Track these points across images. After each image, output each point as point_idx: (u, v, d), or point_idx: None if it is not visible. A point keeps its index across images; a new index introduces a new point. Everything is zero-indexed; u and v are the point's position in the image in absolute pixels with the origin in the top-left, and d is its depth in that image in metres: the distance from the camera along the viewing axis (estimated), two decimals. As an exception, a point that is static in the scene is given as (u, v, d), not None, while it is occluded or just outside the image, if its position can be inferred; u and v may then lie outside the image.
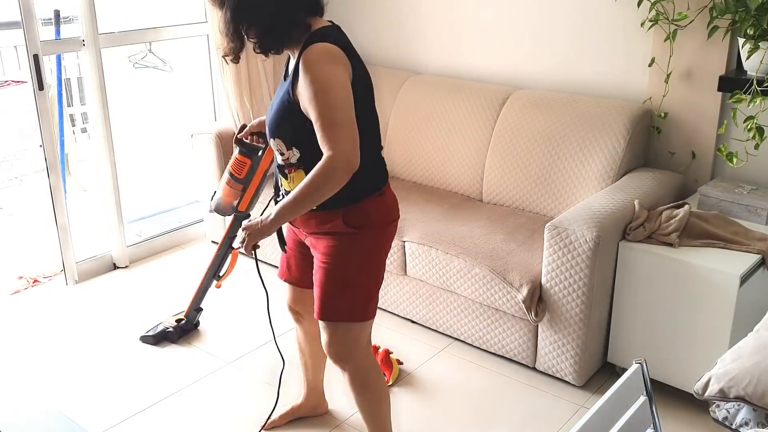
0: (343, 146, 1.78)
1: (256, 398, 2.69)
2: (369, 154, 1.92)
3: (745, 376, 1.69)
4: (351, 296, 2.03)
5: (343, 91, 1.80)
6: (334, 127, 1.78)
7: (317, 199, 1.84)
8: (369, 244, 2.01)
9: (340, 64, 1.82)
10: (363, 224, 1.98)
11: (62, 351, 3.02)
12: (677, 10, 2.77)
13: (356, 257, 2.01)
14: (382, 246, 2.05)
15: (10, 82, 4.96)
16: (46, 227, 4.10)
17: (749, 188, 2.75)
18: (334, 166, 1.78)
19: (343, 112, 1.79)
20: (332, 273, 2.01)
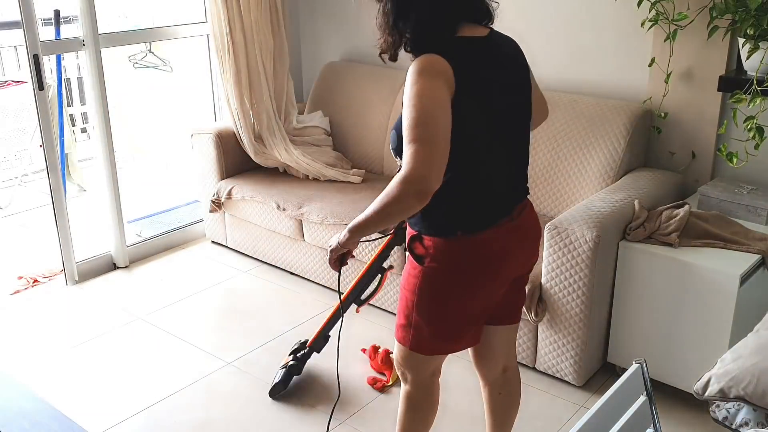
0: (415, 167, 1.57)
1: (257, 398, 2.69)
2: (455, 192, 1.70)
3: (745, 376, 1.69)
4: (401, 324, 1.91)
5: (433, 107, 1.60)
6: (412, 144, 1.59)
7: (385, 216, 1.67)
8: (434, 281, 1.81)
9: (440, 78, 1.62)
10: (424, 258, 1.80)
11: (62, 351, 3.02)
12: (677, 10, 2.77)
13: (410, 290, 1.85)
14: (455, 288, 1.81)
15: (10, 82, 4.96)
16: (46, 227, 4.10)
17: (749, 188, 2.75)
18: (401, 186, 1.60)
19: (425, 130, 1.59)
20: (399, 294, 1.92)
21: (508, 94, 1.78)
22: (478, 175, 1.74)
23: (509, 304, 1.98)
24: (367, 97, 3.74)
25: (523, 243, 1.89)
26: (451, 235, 1.76)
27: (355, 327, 3.13)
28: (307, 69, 4.30)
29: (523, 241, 1.88)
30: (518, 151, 1.87)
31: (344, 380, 2.77)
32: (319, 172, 3.64)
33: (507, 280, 1.89)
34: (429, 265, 1.79)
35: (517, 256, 1.87)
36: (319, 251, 3.39)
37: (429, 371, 1.99)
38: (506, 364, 2.09)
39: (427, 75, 1.63)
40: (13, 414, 1.79)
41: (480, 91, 1.69)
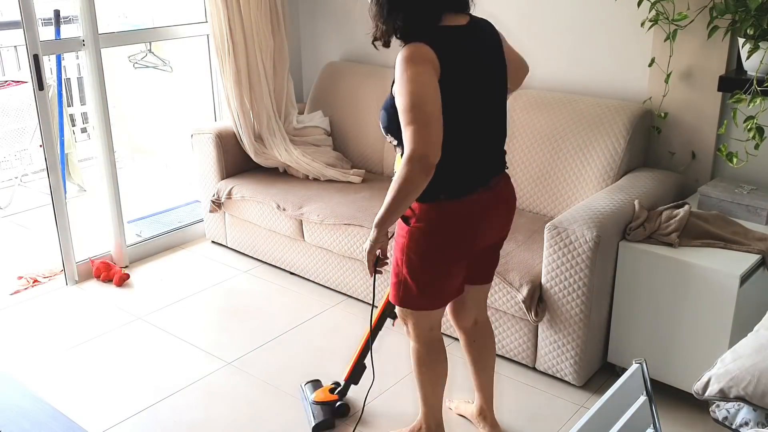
0: (419, 144, 1.80)
1: (257, 398, 2.69)
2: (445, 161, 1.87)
3: (745, 376, 1.69)
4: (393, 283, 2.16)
5: (426, 92, 1.82)
6: (413, 124, 1.81)
7: (402, 198, 1.88)
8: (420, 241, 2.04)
9: (427, 64, 1.83)
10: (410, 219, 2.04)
11: (62, 351, 3.02)
12: (677, 10, 2.77)
13: (399, 249, 2.10)
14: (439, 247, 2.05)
15: (10, 82, 4.96)
16: (46, 227, 4.10)
17: (749, 188, 2.75)
18: (407, 166, 1.82)
19: (420, 111, 1.81)
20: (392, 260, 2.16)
21: (486, 75, 2.00)
22: (459, 150, 1.95)
23: (483, 267, 2.24)
24: (367, 97, 3.75)
25: (498, 211, 2.12)
26: (434, 199, 1.98)
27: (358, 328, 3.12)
28: (307, 69, 4.30)
29: (498, 209, 2.12)
30: (495, 128, 2.08)
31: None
32: (319, 172, 3.64)
33: (482, 243, 2.13)
34: (414, 225, 2.03)
35: (491, 222, 2.11)
36: (320, 251, 3.39)
37: (426, 326, 2.21)
38: (477, 318, 2.36)
39: (416, 62, 1.84)
40: (14, 414, 1.79)
41: (461, 76, 1.90)
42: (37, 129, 4.59)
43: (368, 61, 3.97)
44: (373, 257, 2.05)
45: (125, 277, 3.59)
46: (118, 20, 5.33)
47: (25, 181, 5.05)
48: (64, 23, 4.18)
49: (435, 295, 2.14)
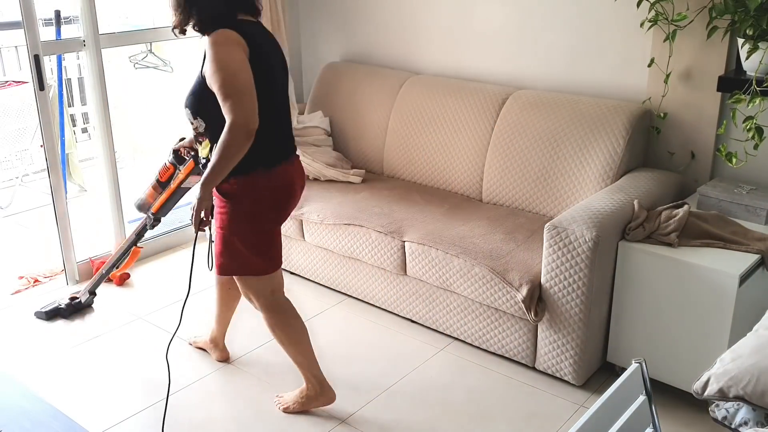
0: (239, 113, 2.07)
1: (257, 398, 2.70)
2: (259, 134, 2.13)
3: (745, 375, 1.69)
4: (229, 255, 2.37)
5: (239, 67, 2.11)
6: (231, 96, 2.08)
7: (226, 161, 2.12)
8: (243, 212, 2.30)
9: (235, 45, 2.13)
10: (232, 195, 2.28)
11: (62, 351, 3.02)
12: (676, 10, 2.78)
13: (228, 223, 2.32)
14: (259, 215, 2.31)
15: (11, 82, 4.96)
16: (47, 227, 4.11)
17: (748, 188, 2.76)
18: (230, 133, 2.08)
19: (239, 83, 2.09)
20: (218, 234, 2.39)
21: (278, 68, 2.32)
22: (270, 125, 2.22)
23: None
24: (367, 97, 3.75)
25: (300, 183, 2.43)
26: (252, 170, 2.23)
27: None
28: (307, 69, 4.30)
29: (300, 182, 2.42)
30: (288, 114, 2.39)
31: (344, 380, 2.78)
32: (319, 172, 3.64)
33: (289, 210, 2.41)
34: (236, 199, 2.27)
35: (296, 193, 2.41)
36: (320, 251, 3.40)
37: (268, 291, 2.45)
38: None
39: (225, 44, 2.13)
40: (14, 414, 1.79)
41: (264, 59, 2.22)
42: (37, 129, 4.59)
43: (368, 61, 3.98)
44: (198, 216, 2.28)
45: (125, 276, 3.60)
46: (119, 21, 5.33)
47: (25, 181, 5.05)
48: (64, 23, 4.18)
49: (267, 258, 2.38)
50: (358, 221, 3.14)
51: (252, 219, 2.30)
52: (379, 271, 3.16)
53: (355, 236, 3.15)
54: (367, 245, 3.10)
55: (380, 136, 3.71)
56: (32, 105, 3.34)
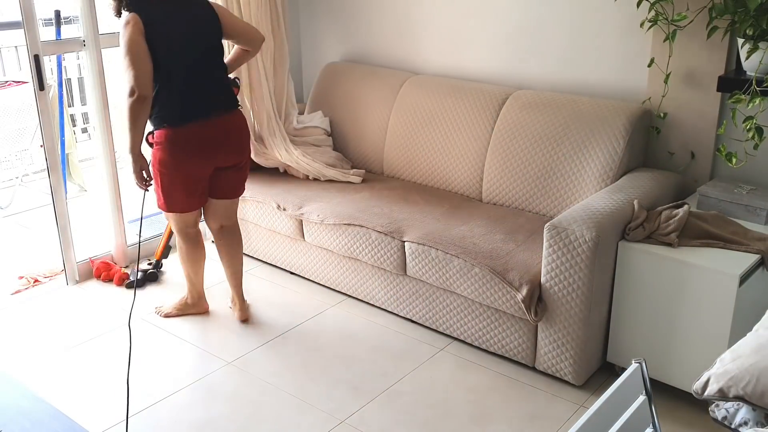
0: (131, 85, 2.60)
1: (257, 398, 2.70)
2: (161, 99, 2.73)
3: (745, 375, 1.69)
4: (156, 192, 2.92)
5: (132, 44, 2.61)
6: (125, 69, 2.62)
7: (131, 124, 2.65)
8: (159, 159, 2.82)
9: (131, 26, 2.63)
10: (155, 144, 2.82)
11: (62, 351, 3.02)
12: (676, 10, 2.78)
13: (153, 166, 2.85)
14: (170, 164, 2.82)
15: (11, 82, 4.96)
16: (47, 227, 4.10)
17: (748, 188, 2.76)
18: (128, 100, 2.62)
19: (130, 57, 2.61)
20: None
21: (189, 37, 2.77)
22: (171, 89, 2.74)
23: (220, 185, 2.99)
24: (367, 97, 3.75)
25: (220, 138, 2.85)
26: (161, 127, 2.78)
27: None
28: (307, 69, 4.30)
29: (219, 137, 2.85)
30: (206, 76, 2.83)
31: (344, 380, 2.78)
32: (319, 172, 3.64)
33: (207, 164, 2.87)
34: (155, 148, 2.82)
35: (216, 147, 2.85)
36: (320, 251, 3.40)
37: (182, 225, 3.04)
38: (223, 224, 3.12)
39: (127, 26, 2.64)
40: (14, 413, 1.79)
41: (162, 35, 2.68)
42: (37, 129, 4.59)
43: (368, 61, 3.98)
44: (140, 176, 2.77)
45: (125, 276, 3.60)
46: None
47: (25, 181, 5.05)
48: (64, 23, 4.18)
49: (177, 201, 2.92)
50: (358, 221, 3.14)
51: (162, 164, 2.82)
52: (379, 271, 3.16)
53: (355, 236, 3.15)
54: (367, 245, 3.10)
55: (380, 136, 3.70)
56: (32, 105, 3.34)
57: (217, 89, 2.87)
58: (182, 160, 2.81)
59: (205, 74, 2.82)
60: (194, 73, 2.78)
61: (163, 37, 2.68)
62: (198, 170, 2.87)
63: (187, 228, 3.06)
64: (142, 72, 2.62)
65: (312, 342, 3.06)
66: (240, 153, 2.96)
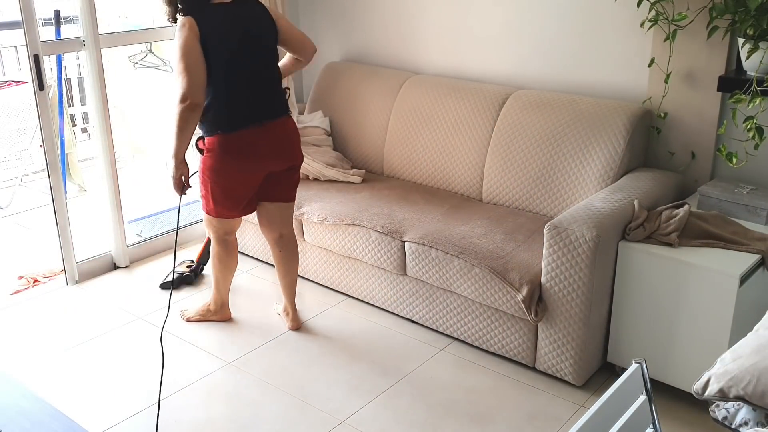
0: (181, 89, 2.54)
1: (257, 398, 2.70)
2: (215, 106, 2.66)
3: (745, 375, 1.69)
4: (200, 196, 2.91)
5: (186, 49, 2.54)
6: (178, 74, 2.55)
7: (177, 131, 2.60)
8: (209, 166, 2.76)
9: (186, 30, 2.56)
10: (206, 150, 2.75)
11: (62, 351, 3.02)
12: (677, 10, 2.77)
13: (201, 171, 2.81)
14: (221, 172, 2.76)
15: (11, 82, 4.96)
16: (47, 227, 4.10)
17: (749, 188, 2.76)
18: (178, 107, 2.55)
19: (184, 63, 2.54)
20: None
21: (246, 42, 2.67)
22: (226, 95, 2.67)
23: (276, 188, 2.92)
24: (367, 97, 3.75)
25: (271, 146, 2.78)
26: (214, 134, 2.71)
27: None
28: (307, 69, 4.30)
29: (272, 143, 2.78)
30: (261, 82, 2.74)
31: (344, 380, 2.78)
32: (319, 172, 3.64)
33: (260, 170, 2.81)
34: (205, 154, 2.75)
35: (268, 152, 2.78)
36: (320, 251, 3.39)
37: (222, 232, 2.98)
38: (281, 232, 3.04)
39: (180, 29, 2.58)
40: (14, 413, 1.79)
41: (218, 39, 2.60)
42: (37, 129, 4.59)
43: (368, 61, 3.97)
44: (179, 182, 2.72)
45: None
46: (119, 20, 5.33)
47: (25, 181, 5.05)
48: (64, 23, 4.18)
49: (225, 208, 2.86)
50: (358, 221, 3.14)
51: (213, 171, 2.76)
52: (379, 271, 3.16)
53: (355, 236, 3.15)
54: (367, 245, 3.10)
55: (380, 136, 3.70)
56: (32, 105, 3.34)
57: (271, 96, 2.78)
58: (234, 167, 2.75)
59: (260, 80, 2.74)
60: (249, 79, 2.70)
61: (219, 41, 2.60)
62: (249, 177, 2.81)
63: (226, 235, 3.00)
64: (196, 79, 2.54)
65: (312, 342, 3.06)
66: (293, 157, 2.88)
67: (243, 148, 2.72)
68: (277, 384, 2.77)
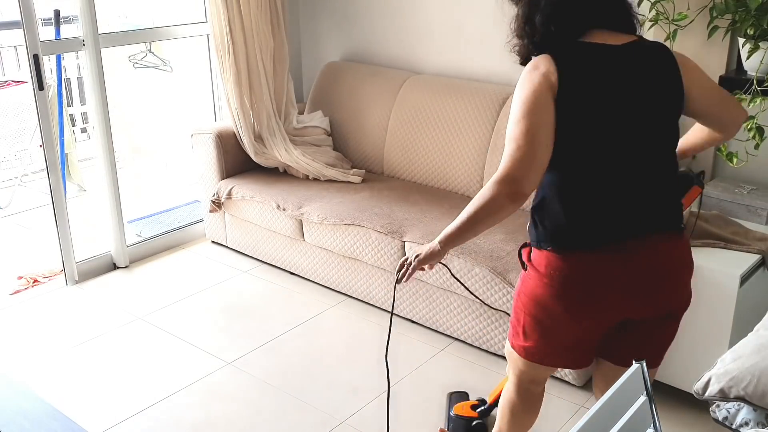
0: (507, 165, 1.60)
1: (257, 398, 2.69)
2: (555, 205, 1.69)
3: (746, 375, 1.69)
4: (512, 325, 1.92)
5: (532, 106, 1.60)
6: (508, 142, 1.61)
7: (476, 222, 1.67)
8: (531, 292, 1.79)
9: (541, 77, 1.61)
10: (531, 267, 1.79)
11: (62, 351, 3.02)
12: (677, 10, 2.77)
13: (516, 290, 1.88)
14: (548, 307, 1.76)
15: (10, 82, 4.96)
16: (46, 227, 4.10)
17: (749, 188, 2.75)
18: (495, 187, 1.62)
19: (520, 128, 1.60)
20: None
21: (634, 106, 1.65)
22: (574, 192, 1.67)
23: (622, 344, 1.85)
24: (367, 97, 3.75)
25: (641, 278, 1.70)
26: (540, 247, 1.74)
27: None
28: (307, 69, 4.30)
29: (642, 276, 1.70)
30: (641, 175, 1.68)
31: (344, 380, 2.77)
32: (319, 172, 3.64)
33: (612, 314, 1.76)
34: (529, 274, 1.79)
35: (628, 290, 1.70)
36: (320, 251, 3.39)
37: (527, 378, 1.98)
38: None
39: (532, 73, 1.63)
40: (13, 414, 1.79)
41: (587, 99, 1.62)
42: (37, 129, 4.59)
43: (368, 61, 3.97)
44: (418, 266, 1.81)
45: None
46: (118, 20, 5.32)
47: (25, 181, 5.05)
48: (64, 23, 4.18)
49: (542, 353, 1.85)
50: (358, 221, 3.14)
51: (534, 303, 1.79)
52: (379, 271, 3.16)
53: (355, 236, 3.14)
54: (367, 245, 3.10)
55: (380, 136, 3.70)
56: (31, 105, 3.33)
57: (657, 194, 1.71)
58: (571, 306, 1.73)
59: (636, 170, 1.68)
60: (618, 168, 1.66)
61: (585, 101, 1.62)
62: (592, 323, 1.78)
63: (531, 384, 2.01)
64: (538, 154, 1.60)
65: (312, 342, 3.05)
66: (677, 299, 1.80)
67: (592, 278, 1.70)
68: (277, 384, 2.77)
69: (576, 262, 1.69)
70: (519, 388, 2.02)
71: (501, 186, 1.60)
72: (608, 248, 1.68)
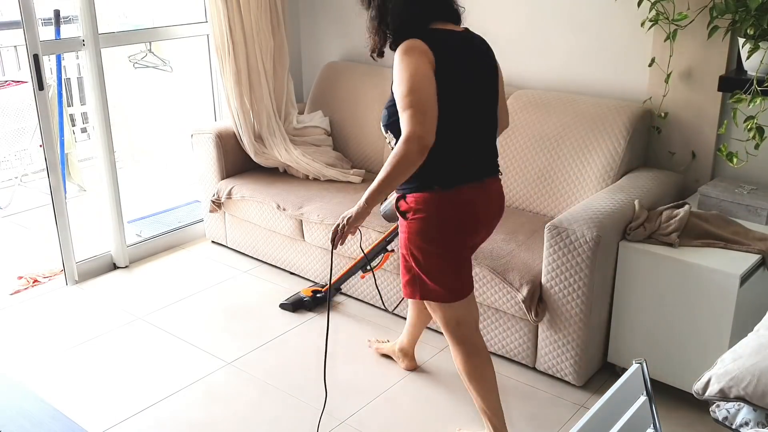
0: (416, 126, 1.93)
1: (257, 398, 2.69)
2: (440, 152, 2.02)
3: (746, 375, 1.69)
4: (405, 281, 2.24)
5: (420, 78, 1.97)
6: (407, 110, 1.95)
7: (394, 175, 2.00)
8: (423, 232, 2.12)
9: (419, 55, 1.99)
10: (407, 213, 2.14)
11: (63, 351, 3.02)
12: (677, 10, 2.77)
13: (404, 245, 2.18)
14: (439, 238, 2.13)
15: (10, 82, 4.96)
16: (46, 227, 4.10)
17: (749, 188, 2.75)
18: (404, 145, 1.94)
19: (418, 96, 1.95)
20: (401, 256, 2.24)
21: (477, 78, 2.14)
22: (451, 142, 2.06)
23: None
24: (367, 97, 3.75)
25: (489, 209, 2.22)
26: (429, 189, 2.09)
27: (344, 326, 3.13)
28: (307, 69, 4.30)
29: (489, 208, 2.22)
30: (485, 130, 2.18)
31: (344, 380, 2.77)
32: (319, 172, 3.64)
33: (474, 236, 2.22)
34: (412, 218, 2.13)
35: (483, 217, 2.21)
36: (319, 251, 3.39)
37: (452, 321, 2.24)
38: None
39: (412, 54, 2.00)
40: (14, 414, 1.79)
41: (453, 72, 2.04)
42: (37, 129, 4.59)
43: (368, 61, 3.95)
44: (354, 230, 2.14)
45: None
46: (118, 20, 5.33)
47: (25, 181, 5.05)
48: (64, 23, 4.18)
49: (451, 285, 2.17)
50: (358, 221, 3.13)
51: (428, 241, 2.12)
52: (379, 270, 3.16)
53: (354, 236, 3.14)
54: (367, 245, 3.10)
55: (380, 136, 3.70)
56: (31, 105, 3.33)
57: (492, 148, 2.22)
58: (455, 231, 2.13)
59: (485, 127, 2.18)
60: (477, 124, 2.14)
61: (452, 73, 2.04)
62: (470, 240, 2.22)
63: (460, 326, 2.25)
64: (432, 116, 1.96)
65: (312, 342, 3.05)
66: (493, 228, 2.31)
67: (465, 207, 2.13)
68: (277, 384, 2.77)
69: (457, 193, 2.11)
70: (452, 336, 2.26)
71: (410, 144, 1.94)
72: (474, 184, 2.14)
